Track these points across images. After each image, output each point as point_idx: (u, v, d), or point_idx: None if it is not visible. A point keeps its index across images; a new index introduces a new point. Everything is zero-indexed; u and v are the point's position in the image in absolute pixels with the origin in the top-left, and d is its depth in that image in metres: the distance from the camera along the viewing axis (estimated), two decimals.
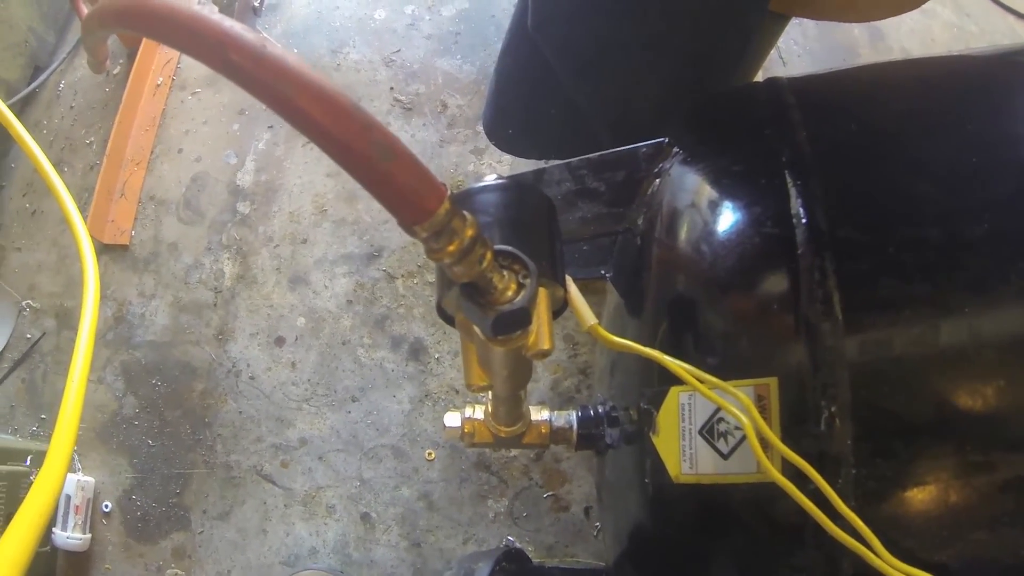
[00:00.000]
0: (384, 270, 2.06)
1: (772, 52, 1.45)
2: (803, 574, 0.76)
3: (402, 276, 2.05)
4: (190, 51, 0.46)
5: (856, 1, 1.30)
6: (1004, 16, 2.63)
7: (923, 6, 1.25)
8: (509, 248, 0.62)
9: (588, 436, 1.14)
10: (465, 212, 0.53)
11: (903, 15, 1.31)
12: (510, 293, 0.60)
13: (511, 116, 1.67)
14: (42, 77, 2.46)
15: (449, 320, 0.76)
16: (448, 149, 2.19)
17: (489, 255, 0.56)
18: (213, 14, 0.45)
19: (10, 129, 1.29)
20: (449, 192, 0.51)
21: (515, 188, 0.72)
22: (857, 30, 2.46)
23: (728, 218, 0.91)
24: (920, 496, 0.74)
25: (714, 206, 0.93)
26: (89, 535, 1.90)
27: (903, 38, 2.48)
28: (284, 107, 0.45)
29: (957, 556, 0.74)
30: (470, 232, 0.53)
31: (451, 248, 0.53)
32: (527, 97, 1.59)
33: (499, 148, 1.80)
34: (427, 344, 1.99)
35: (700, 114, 1.12)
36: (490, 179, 0.73)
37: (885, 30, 2.48)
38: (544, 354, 0.68)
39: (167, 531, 1.92)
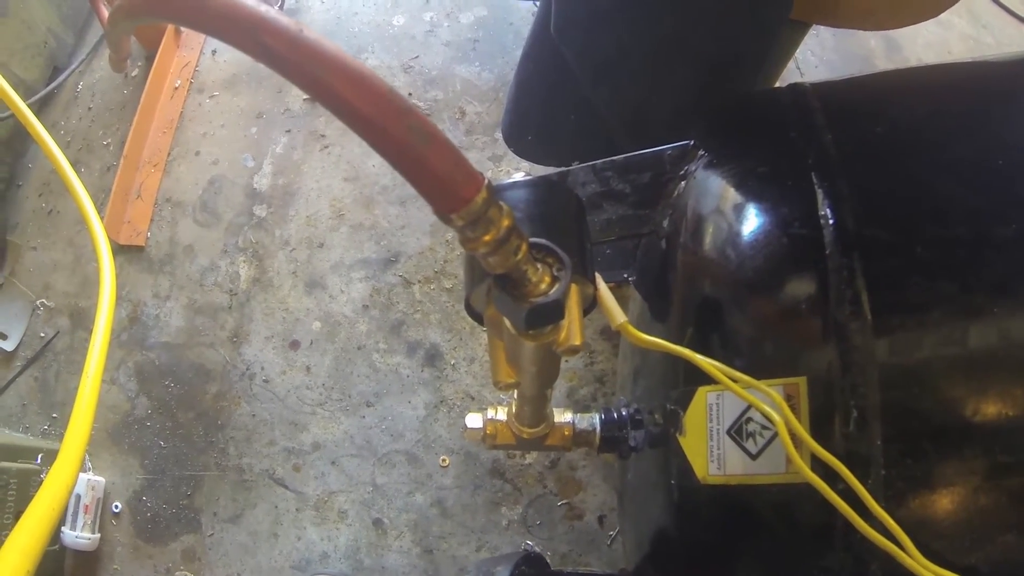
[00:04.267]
0: (401, 275, 2.07)
1: (789, 62, 1.45)
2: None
3: (419, 282, 2.05)
4: (223, 36, 0.45)
5: (875, 9, 1.30)
6: (1020, 27, 2.62)
7: (939, 17, 1.25)
8: (543, 241, 0.62)
9: (611, 439, 1.13)
10: (501, 202, 0.53)
11: (919, 26, 1.31)
12: (544, 286, 0.60)
13: (530, 122, 1.67)
14: (61, 78, 2.48)
15: (476, 317, 0.76)
16: (466, 156, 2.18)
17: (524, 246, 0.56)
18: None
19: (29, 128, 1.29)
20: (487, 180, 0.51)
21: (545, 186, 0.72)
22: (873, 41, 2.46)
23: (754, 220, 0.90)
24: (950, 498, 0.73)
25: (740, 208, 0.93)
26: (98, 535, 1.90)
27: (919, 50, 2.48)
28: (320, 91, 0.45)
29: (987, 559, 0.73)
30: (506, 222, 0.53)
31: (487, 238, 0.52)
32: (547, 103, 1.59)
33: (518, 155, 1.80)
34: (443, 350, 1.99)
35: (724, 117, 1.12)
36: (518, 176, 0.73)
37: (901, 42, 2.48)
38: (575, 350, 0.68)
39: (177, 533, 1.92)
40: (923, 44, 2.49)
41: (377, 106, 0.45)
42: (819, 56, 2.41)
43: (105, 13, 2.07)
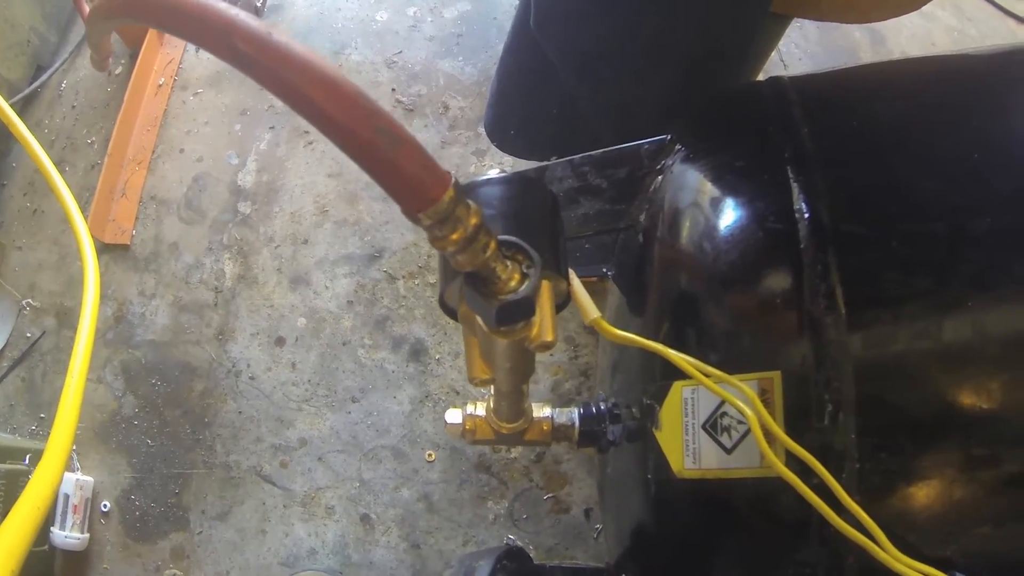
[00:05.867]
0: (385, 271, 2.06)
1: (773, 55, 1.45)
2: (808, 569, 0.75)
3: (403, 277, 2.05)
4: (195, 39, 0.46)
5: (857, 2, 1.30)
6: (1004, 20, 2.63)
7: (923, 9, 1.25)
8: (512, 238, 0.62)
9: (590, 433, 1.13)
10: (469, 201, 0.53)
11: (903, 18, 1.31)
12: (513, 283, 0.60)
13: (513, 117, 1.67)
14: (44, 76, 2.47)
15: (452, 314, 0.76)
16: (450, 151, 2.20)
17: (493, 244, 0.56)
18: (218, 2, 0.45)
19: (12, 128, 1.29)
20: (454, 179, 0.51)
21: (519, 182, 0.72)
22: (858, 33, 2.46)
23: (730, 214, 0.90)
24: (924, 491, 0.73)
25: (716, 202, 0.93)
26: (87, 535, 1.89)
27: (903, 42, 2.49)
28: (289, 94, 0.45)
29: (961, 551, 0.73)
30: (474, 220, 0.53)
31: (455, 236, 0.53)
32: (529, 97, 1.59)
33: (501, 149, 1.79)
34: (428, 345, 1.99)
35: (703, 111, 1.12)
36: (493, 173, 0.73)
37: (886, 34, 2.48)
38: (547, 346, 0.68)
39: (166, 531, 1.92)
40: (907, 36, 2.49)
41: (345, 108, 0.45)
42: (803, 49, 2.41)
43: (87, 10, 2.06)
